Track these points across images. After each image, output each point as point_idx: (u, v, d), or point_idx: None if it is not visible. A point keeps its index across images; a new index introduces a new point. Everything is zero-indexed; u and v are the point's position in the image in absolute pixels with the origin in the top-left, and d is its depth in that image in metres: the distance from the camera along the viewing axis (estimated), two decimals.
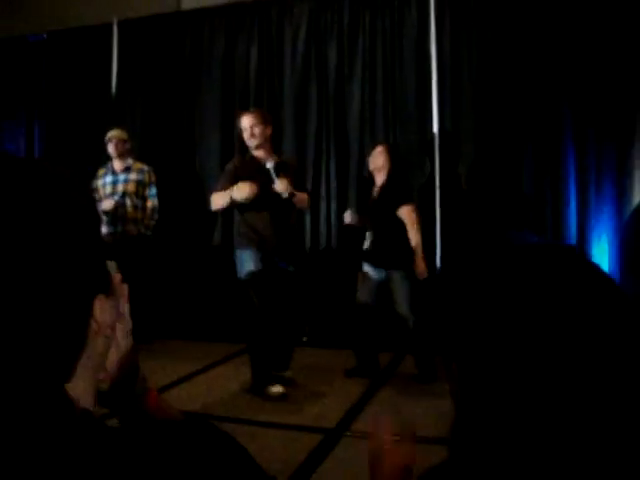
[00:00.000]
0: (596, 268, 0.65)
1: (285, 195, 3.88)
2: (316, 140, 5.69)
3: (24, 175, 0.53)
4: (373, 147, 5.48)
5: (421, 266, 4.21)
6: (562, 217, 5.02)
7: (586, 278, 0.63)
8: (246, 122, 3.98)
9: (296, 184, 3.99)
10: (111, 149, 5.22)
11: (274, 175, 3.87)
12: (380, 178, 4.37)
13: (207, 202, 5.91)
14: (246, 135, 3.99)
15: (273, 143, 4.13)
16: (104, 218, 5.09)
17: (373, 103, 5.53)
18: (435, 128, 5.27)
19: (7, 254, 0.48)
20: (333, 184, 5.63)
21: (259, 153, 4.02)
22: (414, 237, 4.20)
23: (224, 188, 3.95)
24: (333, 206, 5.62)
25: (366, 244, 4.35)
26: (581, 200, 4.98)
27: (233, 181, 3.90)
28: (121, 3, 6.25)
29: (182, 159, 6.05)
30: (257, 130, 3.95)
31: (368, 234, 4.35)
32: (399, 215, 4.20)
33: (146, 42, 6.22)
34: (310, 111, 5.71)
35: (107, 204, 5.10)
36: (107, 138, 5.24)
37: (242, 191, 3.81)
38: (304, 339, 5.47)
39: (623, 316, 0.60)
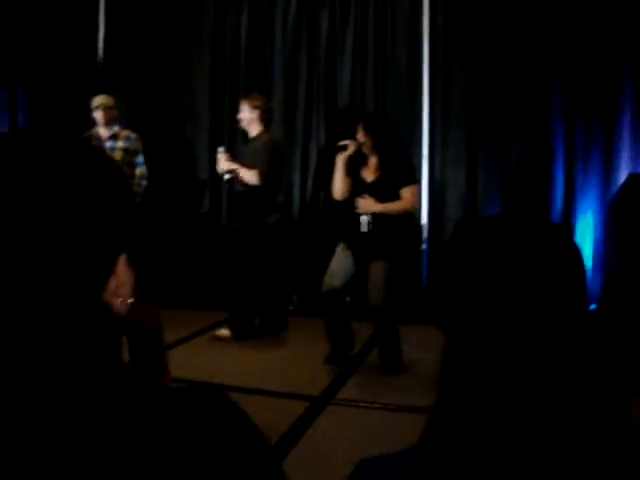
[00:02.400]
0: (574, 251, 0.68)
1: (225, 177, 4.66)
2: (306, 110, 5.64)
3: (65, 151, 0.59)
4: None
5: (370, 203, 3.83)
6: (549, 197, 5.04)
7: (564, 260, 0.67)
8: (240, 107, 4.72)
9: (258, 161, 4.49)
10: (98, 116, 5.12)
11: (220, 155, 4.65)
12: (373, 159, 3.94)
13: (196, 169, 5.94)
14: (238, 117, 4.73)
15: (265, 121, 4.67)
16: None
17: (364, 74, 5.48)
18: (425, 100, 5.26)
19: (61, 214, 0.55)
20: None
21: (249, 131, 4.72)
22: (398, 204, 3.84)
23: None
24: None
25: (363, 227, 3.91)
26: (568, 174, 5.01)
27: None
28: None
29: (171, 126, 5.96)
30: (242, 115, 4.66)
31: (364, 219, 3.91)
32: (401, 196, 3.83)
33: (134, 6, 6.08)
34: (300, 80, 5.65)
35: None
36: (93, 105, 5.14)
37: None
38: (290, 307, 5.51)
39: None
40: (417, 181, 4.00)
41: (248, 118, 4.63)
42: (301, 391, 3.55)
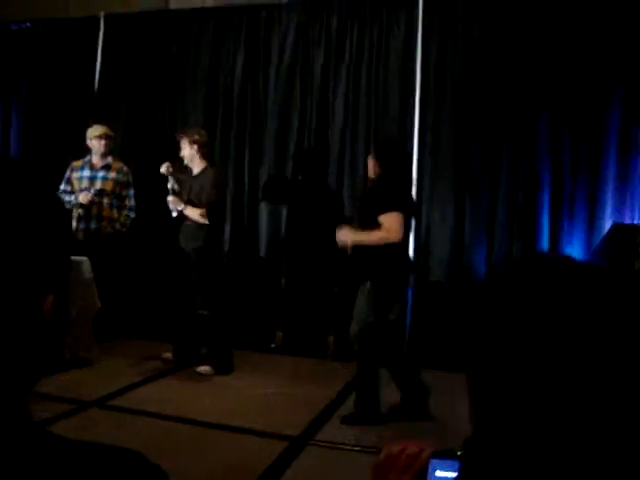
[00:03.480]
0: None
1: (173, 212, 4.68)
2: (296, 148, 5.70)
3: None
4: (353, 158, 5.56)
5: (347, 235, 3.71)
6: (535, 242, 5.08)
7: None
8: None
9: (202, 199, 4.59)
10: (101, 145, 5.17)
11: (170, 192, 4.71)
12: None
13: None
14: (180, 154, 4.79)
15: (207, 155, 4.80)
16: (79, 211, 5.03)
17: (356, 114, 5.55)
18: (415, 143, 5.33)
19: None
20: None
21: (191, 166, 4.78)
22: (374, 235, 3.61)
23: None
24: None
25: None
26: (554, 220, 5.05)
27: None
28: None
29: (164, 158, 6.00)
30: (183, 152, 4.73)
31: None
32: (380, 222, 3.61)
33: (132, 38, 6.18)
34: (292, 118, 5.71)
35: (84, 197, 5.04)
36: (98, 134, 5.17)
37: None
38: (272, 345, 5.48)
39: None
40: (399, 209, 3.62)
41: (189, 154, 4.70)
42: (281, 431, 3.50)
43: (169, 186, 4.73)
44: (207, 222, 4.58)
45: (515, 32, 5.11)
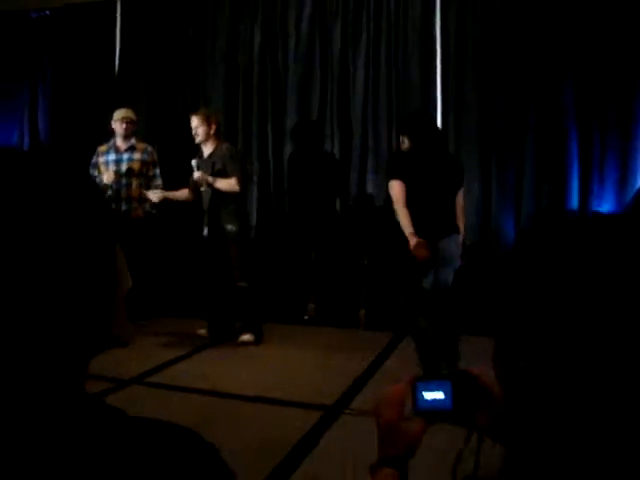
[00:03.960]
0: None
1: (202, 186, 4.78)
2: (318, 121, 5.68)
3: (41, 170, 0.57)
4: (375, 131, 5.52)
5: (415, 248, 3.51)
6: (563, 201, 5.01)
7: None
8: (192, 123, 4.81)
9: (228, 171, 4.70)
10: (122, 129, 5.22)
11: (195, 169, 4.72)
12: None
13: None
14: (193, 133, 4.81)
15: (218, 135, 4.86)
16: (107, 193, 5.08)
17: (376, 84, 5.51)
18: (439, 111, 5.27)
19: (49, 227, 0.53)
20: None
21: (204, 147, 4.85)
22: (399, 213, 3.58)
23: None
24: None
25: None
26: (584, 183, 4.97)
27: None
28: None
29: (186, 138, 6.04)
30: (199, 131, 4.76)
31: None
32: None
33: (150, 19, 6.19)
34: (313, 91, 5.69)
35: (107, 176, 5.09)
36: (119, 117, 5.22)
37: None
38: (305, 317, 5.54)
39: None
40: (395, 176, 3.55)
41: (206, 133, 4.78)
42: (315, 401, 3.56)
43: (193, 163, 4.77)
44: (239, 190, 4.69)
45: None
